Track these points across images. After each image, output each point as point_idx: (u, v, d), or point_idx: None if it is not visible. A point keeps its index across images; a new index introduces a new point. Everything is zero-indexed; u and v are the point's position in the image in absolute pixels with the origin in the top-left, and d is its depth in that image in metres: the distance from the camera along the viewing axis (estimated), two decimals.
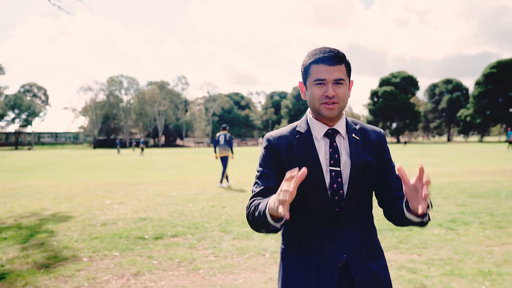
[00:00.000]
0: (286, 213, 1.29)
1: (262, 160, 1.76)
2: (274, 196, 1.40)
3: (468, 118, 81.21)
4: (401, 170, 1.45)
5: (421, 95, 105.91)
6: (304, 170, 1.34)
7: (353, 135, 1.73)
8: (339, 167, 1.67)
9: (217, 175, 15.36)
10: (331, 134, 1.70)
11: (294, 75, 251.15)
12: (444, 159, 23.11)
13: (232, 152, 12.14)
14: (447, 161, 21.67)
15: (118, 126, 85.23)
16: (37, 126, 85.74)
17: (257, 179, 1.73)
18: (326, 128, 1.70)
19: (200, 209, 8.13)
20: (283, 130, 1.78)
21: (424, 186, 1.38)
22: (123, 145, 77.05)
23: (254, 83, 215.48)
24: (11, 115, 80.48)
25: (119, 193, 10.66)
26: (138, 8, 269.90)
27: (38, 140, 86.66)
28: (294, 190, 1.28)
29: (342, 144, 1.71)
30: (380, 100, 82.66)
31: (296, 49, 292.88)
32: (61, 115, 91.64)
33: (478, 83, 79.21)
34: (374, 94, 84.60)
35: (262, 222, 1.48)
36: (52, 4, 12.08)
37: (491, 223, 6.35)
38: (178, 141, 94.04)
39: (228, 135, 12.16)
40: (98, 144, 79.66)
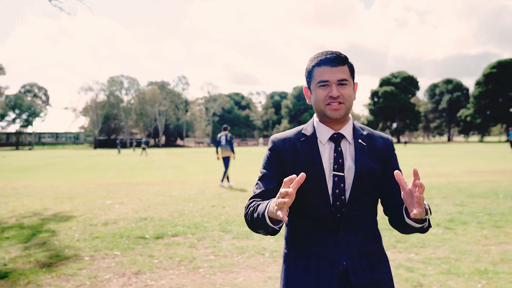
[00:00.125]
0: (285, 216, 1.29)
1: (266, 161, 1.76)
2: (274, 199, 1.41)
3: (468, 118, 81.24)
4: (398, 175, 1.44)
5: (421, 95, 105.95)
6: (303, 174, 1.34)
7: (360, 141, 1.70)
8: (343, 172, 1.65)
9: (217, 175, 15.42)
10: (336, 139, 1.68)
11: (294, 75, 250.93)
12: (444, 159, 23.16)
13: (234, 152, 12.22)
14: (447, 161, 21.71)
15: (118, 126, 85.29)
16: (37, 126, 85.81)
17: (258, 180, 1.74)
18: (331, 132, 1.69)
19: (200, 209, 8.18)
20: (289, 133, 1.77)
21: (417, 191, 1.38)
22: (124, 145, 77.12)
23: (255, 83, 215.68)
24: (11, 115, 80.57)
25: (120, 193, 10.72)
26: (138, 8, 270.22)
27: (39, 140, 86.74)
28: (293, 194, 1.29)
29: (348, 149, 1.69)
30: (380, 100, 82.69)
31: (296, 49, 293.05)
32: (62, 115, 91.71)
33: (478, 83, 79.24)
34: (374, 94, 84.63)
35: (260, 223, 1.50)
36: (53, 5, 12.14)
37: (488, 222, 6.40)
38: (179, 141, 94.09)
39: (229, 135, 12.23)
40: (99, 144, 79.73)
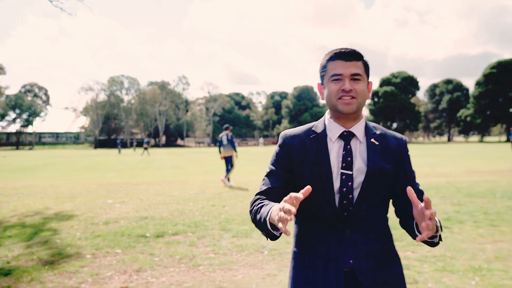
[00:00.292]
0: (287, 231, 1.29)
1: (274, 158, 1.74)
2: (277, 206, 1.40)
3: (469, 118, 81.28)
4: (410, 192, 1.41)
5: (421, 95, 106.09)
6: (308, 188, 1.35)
7: (372, 140, 1.67)
8: (351, 171, 1.62)
9: (217, 175, 15.51)
10: (346, 136, 1.66)
11: (294, 75, 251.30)
12: (444, 159, 23.22)
13: (236, 151, 12.32)
14: (447, 161, 21.78)
15: (119, 126, 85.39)
16: (38, 126, 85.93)
17: (265, 176, 1.74)
18: (341, 129, 1.66)
19: (200, 208, 8.26)
20: (299, 129, 1.75)
21: (427, 218, 1.37)
22: (124, 145, 77.22)
23: (255, 83, 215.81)
24: (12, 115, 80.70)
25: (121, 192, 10.79)
26: (138, 8, 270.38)
27: (39, 140, 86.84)
28: (295, 212, 1.28)
29: (358, 148, 1.66)
30: (380, 100, 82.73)
31: (296, 49, 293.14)
32: (62, 115, 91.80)
33: (478, 83, 79.27)
34: (374, 94, 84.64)
35: (262, 227, 1.51)
36: (54, 5, 12.22)
37: (485, 221, 6.48)
38: (179, 141, 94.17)
39: (230, 134, 12.34)
40: (99, 144, 79.83)
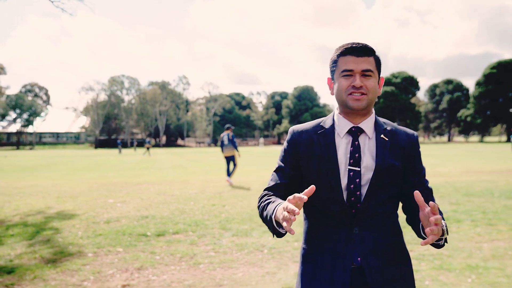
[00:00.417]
0: (291, 230, 1.29)
1: (282, 153, 1.74)
2: (282, 205, 1.40)
3: (469, 118, 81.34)
4: (417, 196, 1.40)
5: (421, 95, 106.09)
6: (312, 187, 1.35)
7: (382, 136, 1.64)
8: (359, 167, 1.60)
9: (217, 175, 15.58)
10: (355, 132, 1.63)
11: (295, 75, 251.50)
12: (444, 159, 23.28)
13: (237, 150, 12.41)
14: (446, 161, 21.83)
15: (119, 126, 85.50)
16: (38, 126, 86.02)
17: (274, 172, 1.74)
18: (350, 125, 1.63)
19: (201, 207, 8.33)
20: (308, 125, 1.73)
21: (432, 224, 1.37)
22: (125, 145, 77.31)
23: (255, 83, 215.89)
24: (12, 115, 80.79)
25: (122, 192, 10.86)
26: (139, 8, 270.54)
27: (40, 140, 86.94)
28: (298, 213, 1.29)
29: (367, 144, 1.63)
30: (381, 100, 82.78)
31: (297, 49, 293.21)
32: (63, 115, 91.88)
33: (478, 83, 79.34)
34: None
35: (268, 224, 1.52)
36: (55, 6, 12.29)
37: (482, 220, 6.54)
38: (179, 141, 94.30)
39: (231, 134, 12.42)
40: (100, 144, 79.92)
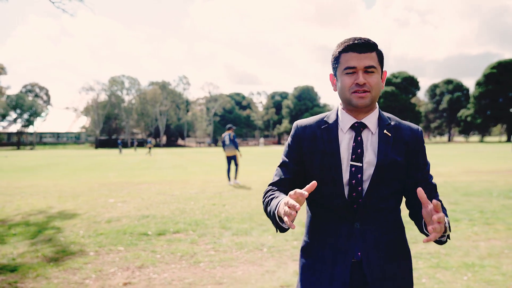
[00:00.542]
0: (292, 224, 1.31)
1: (286, 148, 1.75)
2: (284, 200, 1.41)
3: (469, 118, 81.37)
4: (420, 192, 1.39)
5: (422, 95, 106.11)
6: (314, 183, 1.36)
7: (385, 131, 1.63)
8: (361, 163, 1.60)
9: (217, 175, 15.64)
10: (358, 128, 1.63)
11: (295, 75, 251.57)
12: (443, 159, 23.33)
13: (238, 150, 12.51)
14: (446, 161, 21.89)
15: (119, 126, 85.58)
16: (39, 126, 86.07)
17: (278, 167, 1.75)
18: (353, 120, 1.63)
19: (201, 207, 8.39)
20: (311, 120, 1.73)
21: (434, 222, 1.36)
22: (125, 145, 77.38)
23: (256, 83, 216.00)
24: (13, 115, 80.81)
25: (122, 192, 10.92)
26: (139, 8, 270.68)
27: (40, 140, 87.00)
28: (299, 208, 1.30)
29: (370, 140, 1.63)
30: (381, 100, 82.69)
31: (297, 49, 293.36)
32: (63, 115, 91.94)
33: (478, 84, 79.36)
34: None
35: (272, 218, 1.53)
36: (56, 7, 12.35)
37: (480, 220, 6.60)
38: (180, 141, 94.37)
39: (232, 134, 12.50)
40: (100, 144, 79.98)
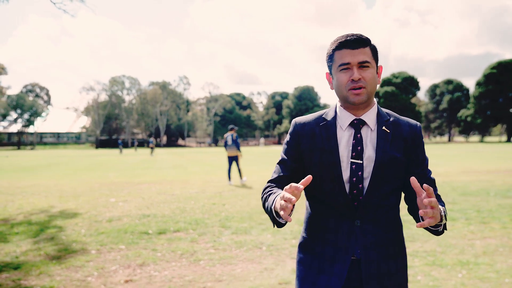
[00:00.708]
0: (288, 217, 1.33)
1: (285, 146, 1.75)
2: (280, 195, 1.42)
3: (469, 118, 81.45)
4: (413, 181, 1.40)
5: (422, 95, 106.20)
6: (309, 177, 1.37)
7: (384, 128, 1.63)
8: (361, 160, 1.59)
9: (218, 174, 15.73)
10: (357, 125, 1.62)
11: (296, 75, 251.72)
12: (442, 159, 23.40)
13: (240, 151, 12.66)
14: (445, 161, 21.96)
15: (120, 126, 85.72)
16: (39, 126, 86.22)
17: (277, 164, 1.76)
18: (352, 117, 1.63)
19: (201, 206, 8.47)
20: (310, 117, 1.73)
21: (427, 206, 1.39)
22: (125, 145, 77.49)
23: (256, 83, 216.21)
24: (13, 115, 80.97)
25: (123, 191, 11.01)
26: (139, 8, 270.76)
27: (40, 140, 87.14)
28: (295, 201, 1.31)
29: (369, 137, 1.62)
30: (381, 100, 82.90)
31: (297, 49, 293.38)
32: (63, 115, 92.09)
33: (478, 84, 79.45)
34: (375, 94, 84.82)
35: (269, 214, 1.55)
36: (57, 8, 12.45)
37: (476, 219, 6.69)
38: (180, 141, 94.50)
39: (235, 135, 12.65)
40: (100, 144, 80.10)
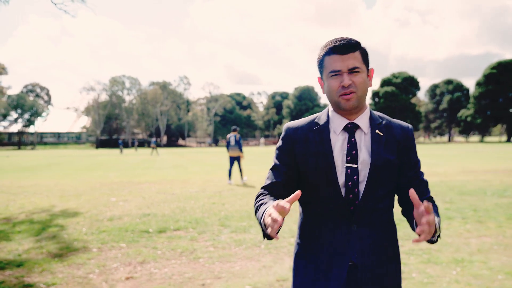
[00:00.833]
0: (275, 235, 1.33)
1: (277, 151, 1.73)
2: (268, 211, 1.40)
3: (469, 118, 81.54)
4: (412, 194, 1.38)
5: (422, 95, 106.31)
6: (298, 192, 1.35)
7: (377, 131, 1.63)
8: (356, 164, 1.59)
9: (218, 174, 15.82)
10: (351, 129, 1.62)
11: (296, 75, 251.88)
12: (442, 159, 23.48)
13: (242, 152, 12.82)
14: (444, 161, 22.04)
15: (120, 126, 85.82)
16: (39, 126, 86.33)
17: (270, 170, 1.73)
18: (345, 121, 1.62)
19: (201, 205, 8.55)
20: (302, 121, 1.72)
21: (424, 224, 1.36)
22: (126, 145, 77.59)
23: (256, 83, 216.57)
24: (14, 115, 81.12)
25: (124, 191, 11.09)
26: (140, 8, 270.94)
27: (41, 140, 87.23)
28: (282, 221, 1.29)
29: (363, 140, 1.62)
30: (381, 101, 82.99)
31: (298, 49, 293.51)
32: (64, 115, 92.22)
33: (478, 84, 79.56)
34: (375, 94, 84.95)
35: (260, 225, 1.52)
36: (58, 8, 12.54)
37: (472, 218, 6.77)
38: (180, 141, 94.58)
39: (238, 136, 12.83)
40: (101, 144, 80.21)
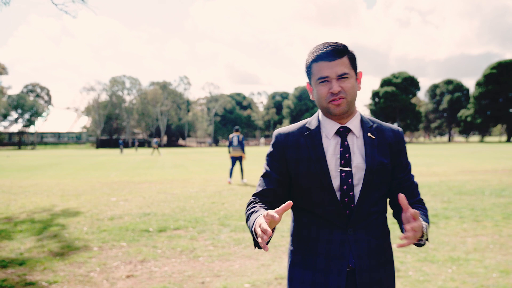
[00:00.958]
0: (265, 247, 1.31)
1: (268, 158, 1.71)
2: (258, 221, 1.40)
3: (469, 119, 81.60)
4: (401, 199, 1.39)
5: (422, 95, 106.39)
6: (289, 202, 1.34)
7: (369, 134, 1.63)
8: (350, 168, 1.58)
9: (218, 174, 15.89)
10: (343, 133, 1.62)
11: (296, 75, 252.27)
12: (441, 159, 23.54)
13: (244, 152, 12.89)
14: (444, 161, 22.10)
15: (120, 126, 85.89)
16: (40, 126, 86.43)
17: (261, 177, 1.72)
18: (337, 126, 1.62)
19: (201, 205, 8.61)
20: (293, 127, 1.71)
21: (408, 230, 1.36)
22: (126, 145, 77.66)
23: (256, 83, 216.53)
24: (14, 115, 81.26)
25: (124, 190, 11.15)
26: (141, 8, 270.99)
27: (41, 140, 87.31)
28: (270, 232, 1.29)
29: (356, 144, 1.62)
30: (381, 101, 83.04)
31: (298, 49, 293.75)
32: (64, 115, 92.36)
33: (478, 84, 79.62)
34: (375, 94, 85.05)
35: (250, 233, 1.52)
36: (59, 9, 12.60)
37: (470, 217, 6.83)
38: (180, 141, 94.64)
39: (241, 136, 12.96)
40: (101, 144, 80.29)
